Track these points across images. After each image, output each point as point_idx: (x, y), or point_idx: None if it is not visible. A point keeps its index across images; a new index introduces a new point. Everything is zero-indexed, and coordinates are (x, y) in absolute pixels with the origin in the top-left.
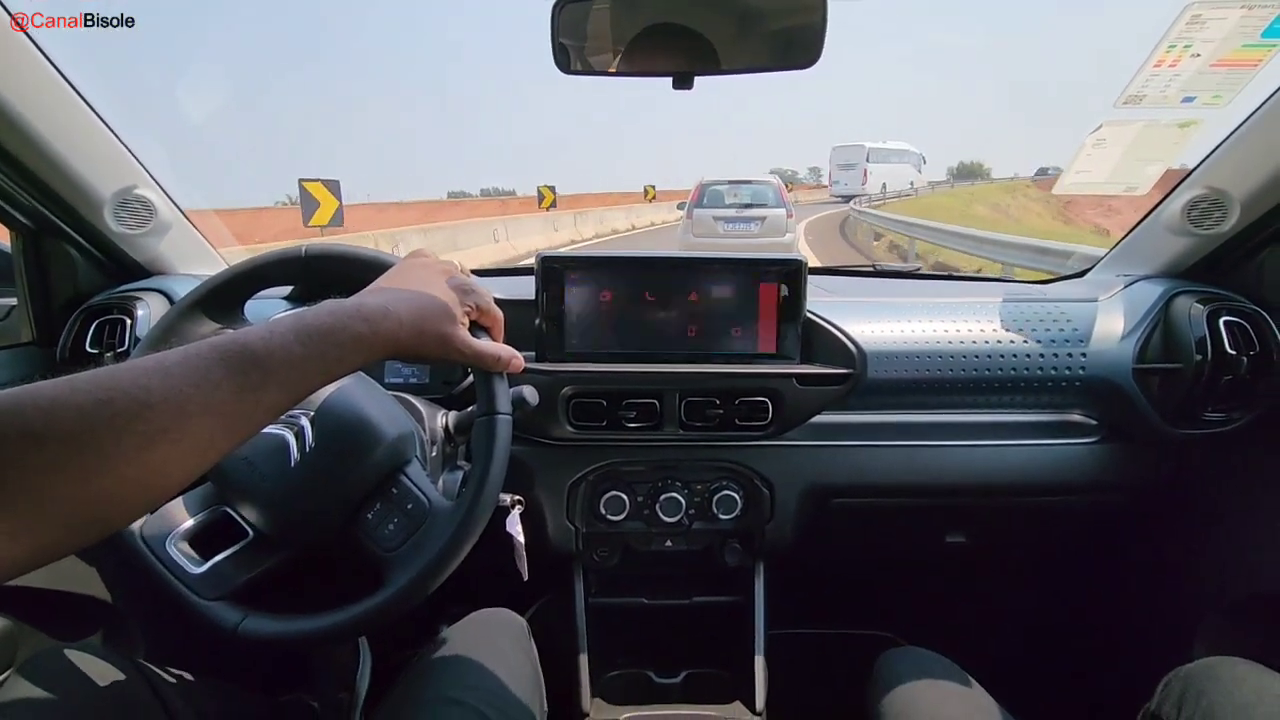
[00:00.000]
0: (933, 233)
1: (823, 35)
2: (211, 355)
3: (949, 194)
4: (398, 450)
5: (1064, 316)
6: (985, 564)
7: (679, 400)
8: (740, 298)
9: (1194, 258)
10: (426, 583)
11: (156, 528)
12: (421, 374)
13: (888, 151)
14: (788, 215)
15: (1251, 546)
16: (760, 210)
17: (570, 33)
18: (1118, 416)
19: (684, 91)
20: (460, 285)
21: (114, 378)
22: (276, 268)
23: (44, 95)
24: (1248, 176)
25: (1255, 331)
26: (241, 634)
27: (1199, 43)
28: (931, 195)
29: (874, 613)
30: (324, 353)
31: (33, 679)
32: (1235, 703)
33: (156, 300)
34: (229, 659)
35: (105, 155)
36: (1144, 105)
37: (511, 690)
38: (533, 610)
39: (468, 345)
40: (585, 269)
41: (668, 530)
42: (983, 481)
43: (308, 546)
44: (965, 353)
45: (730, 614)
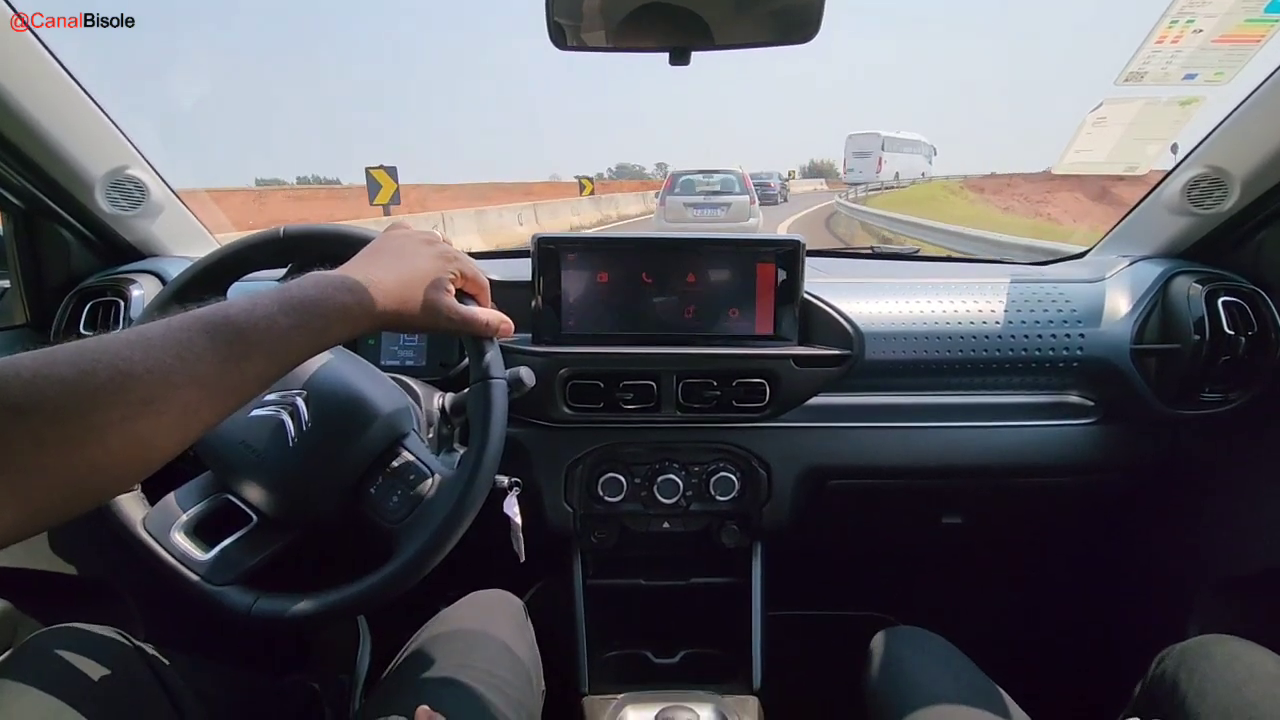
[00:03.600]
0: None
1: (820, 10)
2: (195, 326)
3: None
4: (395, 423)
5: (1062, 297)
6: (981, 545)
7: (676, 382)
8: (738, 279)
9: (1193, 238)
10: (436, 549)
11: (159, 519)
12: (418, 356)
13: (901, 141)
14: (750, 201)
15: (1248, 526)
16: (725, 197)
17: (566, 10)
18: (1115, 397)
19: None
20: (444, 253)
21: (96, 349)
22: (257, 250)
23: (33, 74)
24: (1249, 155)
25: (1254, 312)
26: (256, 615)
27: (1201, 18)
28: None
29: (871, 593)
30: (308, 323)
31: (31, 659)
32: (1228, 679)
33: (150, 282)
34: (229, 641)
35: (95, 135)
36: (1145, 83)
37: (509, 669)
38: (531, 592)
39: (455, 311)
40: (582, 250)
41: (665, 511)
42: (979, 463)
43: (313, 525)
44: (963, 334)
45: (727, 595)
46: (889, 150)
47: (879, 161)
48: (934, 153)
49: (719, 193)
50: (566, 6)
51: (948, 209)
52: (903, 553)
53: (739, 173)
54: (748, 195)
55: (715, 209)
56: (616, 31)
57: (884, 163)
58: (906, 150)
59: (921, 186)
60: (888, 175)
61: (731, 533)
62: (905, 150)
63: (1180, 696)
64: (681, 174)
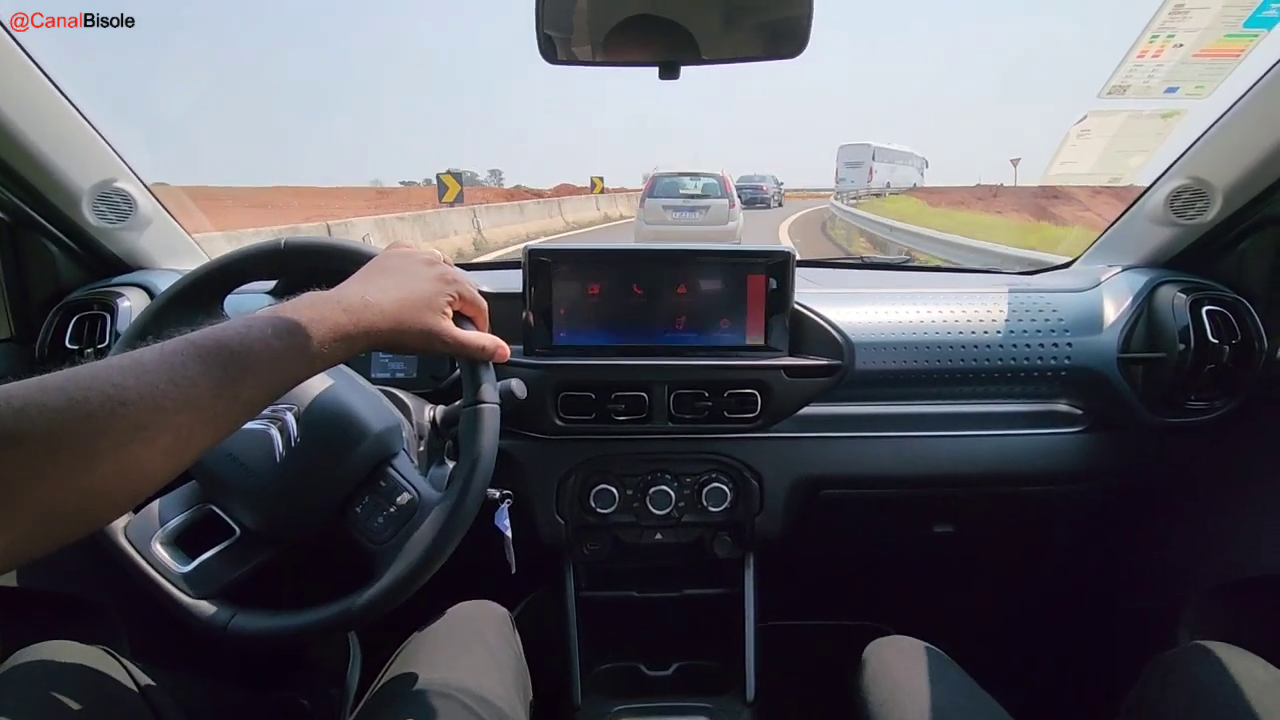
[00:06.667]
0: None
1: (809, 25)
2: (188, 351)
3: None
4: (384, 442)
5: (1049, 307)
6: (972, 553)
7: (668, 393)
8: (728, 290)
9: (1177, 248)
10: (417, 575)
11: (141, 528)
12: (409, 368)
13: (893, 153)
14: (730, 205)
15: (1235, 532)
16: (705, 200)
17: (555, 23)
18: (1103, 406)
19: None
20: (442, 275)
21: (89, 376)
22: (255, 262)
23: (19, 86)
24: (1230, 167)
25: (1237, 320)
26: (232, 631)
27: (1182, 33)
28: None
29: (863, 603)
30: (303, 346)
31: (17, 675)
32: (1218, 687)
33: (137, 295)
34: (216, 656)
35: (82, 147)
36: (1128, 96)
37: (496, 680)
38: (523, 604)
39: (452, 335)
40: (573, 262)
41: (658, 523)
42: (970, 472)
43: (296, 541)
44: (952, 344)
45: (720, 606)
46: (879, 161)
47: (870, 171)
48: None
49: (699, 196)
50: (555, 18)
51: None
52: (895, 562)
53: (721, 176)
54: (727, 199)
55: (694, 211)
56: (605, 45)
57: (874, 173)
58: (898, 161)
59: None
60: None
61: (724, 543)
62: (897, 162)
63: (1171, 704)
64: (661, 175)
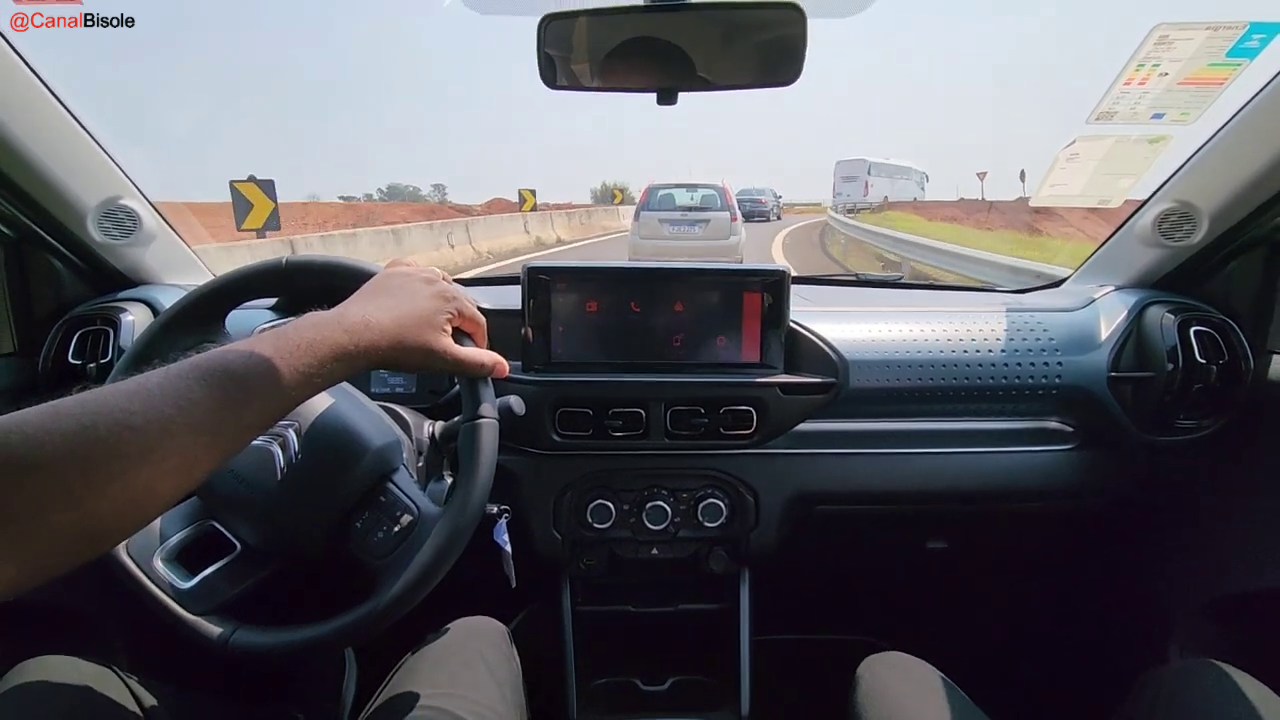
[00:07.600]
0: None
1: (803, 52)
2: (193, 375)
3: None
4: (384, 458)
5: (1040, 326)
6: (966, 569)
7: (664, 410)
8: (724, 308)
9: (1165, 269)
10: (417, 590)
11: (142, 544)
12: (408, 384)
13: (891, 167)
14: (732, 219)
15: (1225, 549)
16: (704, 214)
17: (556, 49)
18: (1093, 424)
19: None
20: (442, 292)
21: (97, 402)
22: (257, 280)
23: (26, 103)
24: (1215, 191)
25: (1224, 341)
26: (233, 647)
27: (1167, 62)
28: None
29: (858, 618)
30: (305, 367)
31: (14, 690)
32: (1208, 705)
33: (140, 310)
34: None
35: (89, 165)
36: (1115, 121)
37: (493, 696)
38: (519, 619)
39: (451, 353)
40: (571, 279)
41: (654, 538)
42: (962, 488)
43: (297, 558)
44: (945, 361)
45: (716, 621)
46: (875, 175)
47: (865, 186)
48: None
49: (698, 209)
50: (558, 45)
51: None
52: (889, 577)
53: (721, 187)
54: (728, 212)
55: (692, 225)
56: (605, 70)
57: (870, 187)
58: (897, 176)
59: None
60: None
61: (720, 558)
62: (895, 176)
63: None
64: (658, 187)
